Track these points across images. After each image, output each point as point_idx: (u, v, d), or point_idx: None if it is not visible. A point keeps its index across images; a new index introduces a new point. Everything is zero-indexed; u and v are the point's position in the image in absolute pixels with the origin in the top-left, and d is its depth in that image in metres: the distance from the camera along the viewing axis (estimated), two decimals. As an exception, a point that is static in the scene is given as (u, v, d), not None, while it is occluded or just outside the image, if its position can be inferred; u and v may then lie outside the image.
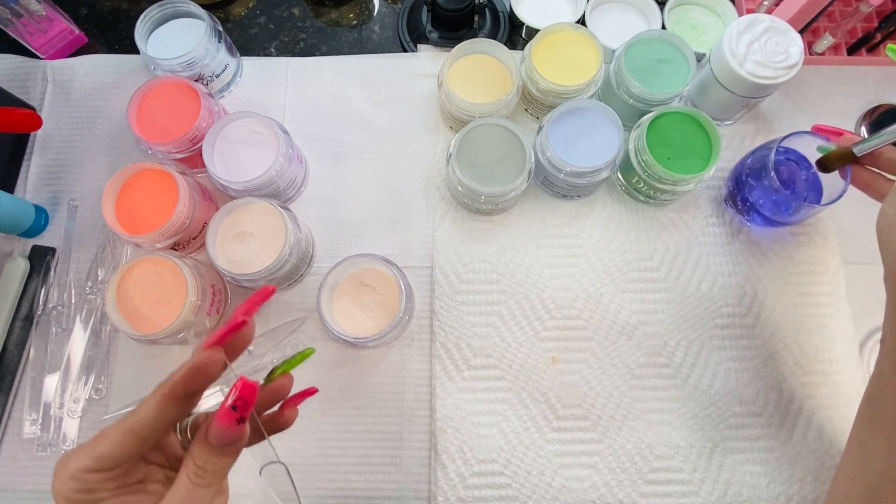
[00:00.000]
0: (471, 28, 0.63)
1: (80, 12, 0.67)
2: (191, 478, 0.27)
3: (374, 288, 0.52)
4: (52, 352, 0.53)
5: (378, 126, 0.61)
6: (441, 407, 0.52)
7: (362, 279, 0.52)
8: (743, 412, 0.53)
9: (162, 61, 0.55)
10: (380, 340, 0.50)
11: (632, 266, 0.56)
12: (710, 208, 0.59)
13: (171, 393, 0.27)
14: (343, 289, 0.52)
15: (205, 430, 0.27)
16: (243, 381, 0.27)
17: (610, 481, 0.51)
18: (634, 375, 0.54)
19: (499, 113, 0.55)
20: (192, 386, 0.27)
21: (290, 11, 0.67)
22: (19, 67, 0.63)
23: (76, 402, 0.52)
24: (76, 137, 0.61)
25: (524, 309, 0.55)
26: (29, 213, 0.56)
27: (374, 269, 0.52)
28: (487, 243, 0.57)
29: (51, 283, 0.56)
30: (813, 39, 0.64)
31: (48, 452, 0.51)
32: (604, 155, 0.52)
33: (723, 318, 0.55)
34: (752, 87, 0.53)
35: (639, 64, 0.55)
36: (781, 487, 0.51)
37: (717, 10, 0.64)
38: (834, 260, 0.57)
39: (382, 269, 0.51)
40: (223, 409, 0.27)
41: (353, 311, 0.51)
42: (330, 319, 0.50)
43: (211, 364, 0.27)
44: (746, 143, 0.61)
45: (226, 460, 0.28)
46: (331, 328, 0.49)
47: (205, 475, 0.27)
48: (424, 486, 0.51)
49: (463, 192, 0.53)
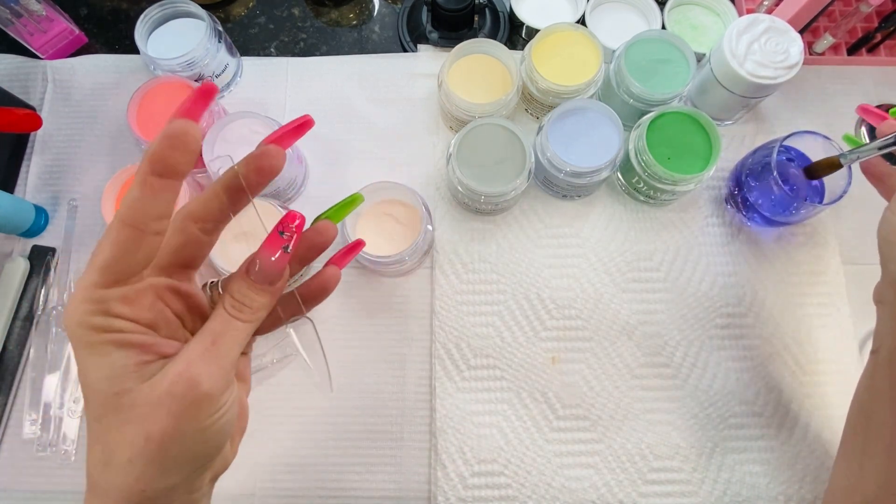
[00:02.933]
0: (471, 28, 0.63)
1: (80, 12, 0.67)
2: (227, 308, 0.26)
3: (397, 218, 0.54)
4: (52, 352, 0.53)
5: (378, 126, 0.61)
6: (441, 407, 0.52)
7: (385, 209, 0.54)
8: (743, 412, 0.53)
9: (162, 61, 0.55)
10: (399, 266, 0.52)
11: (632, 266, 0.56)
12: (710, 208, 0.59)
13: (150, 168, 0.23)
14: (367, 216, 0.54)
15: (245, 266, 0.26)
16: (292, 211, 0.26)
17: (610, 481, 0.51)
18: (634, 375, 0.54)
19: (499, 113, 0.55)
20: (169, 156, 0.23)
21: (290, 11, 0.67)
22: (19, 67, 0.63)
23: (76, 402, 0.52)
24: (76, 137, 0.61)
25: (524, 309, 0.55)
26: (29, 213, 0.56)
27: (398, 199, 0.54)
28: (487, 243, 0.57)
29: (51, 283, 0.56)
30: (813, 39, 0.64)
31: (48, 452, 0.51)
32: (604, 155, 0.52)
33: (723, 318, 0.55)
34: (752, 87, 0.53)
35: (639, 64, 0.55)
36: (781, 487, 0.51)
37: (717, 10, 0.64)
38: (834, 260, 0.57)
39: (406, 199, 0.53)
40: (271, 235, 0.26)
41: (375, 238, 0.54)
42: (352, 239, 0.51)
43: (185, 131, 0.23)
44: (746, 143, 0.60)
45: (263, 298, 0.26)
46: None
47: (242, 308, 0.26)
48: (424, 486, 0.51)
49: (463, 192, 0.53)
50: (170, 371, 0.24)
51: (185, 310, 0.27)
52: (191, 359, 0.24)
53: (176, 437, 0.24)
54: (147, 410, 0.23)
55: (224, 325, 0.25)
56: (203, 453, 0.25)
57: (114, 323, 0.24)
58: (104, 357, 0.24)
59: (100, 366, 0.24)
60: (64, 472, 0.51)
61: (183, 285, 0.27)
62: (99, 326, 0.23)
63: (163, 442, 0.23)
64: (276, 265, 0.26)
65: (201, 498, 0.27)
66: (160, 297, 0.26)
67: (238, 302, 0.26)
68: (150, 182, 0.23)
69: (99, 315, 0.23)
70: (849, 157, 0.47)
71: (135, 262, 0.24)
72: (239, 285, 0.26)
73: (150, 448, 0.23)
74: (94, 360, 0.24)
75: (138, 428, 0.23)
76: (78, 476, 0.51)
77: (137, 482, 0.24)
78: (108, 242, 0.23)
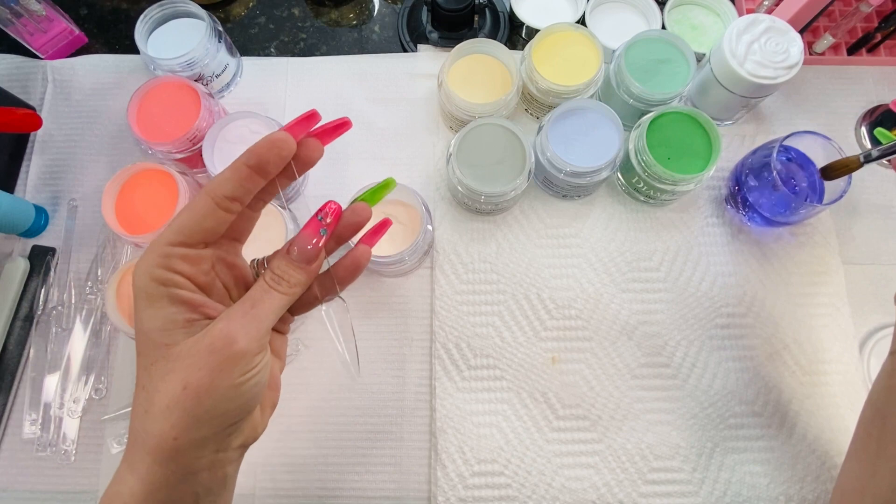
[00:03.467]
0: (471, 28, 0.63)
1: (80, 12, 0.67)
2: (267, 280, 0.29)
3: (397, 218, 0.54)
4: (52, 352, 0.53)
5: (378, 126, 0.61)
6: (441, 407, 0.52)
7: (385, 209, 0.54)
8: (743, 412, 0.53)
9: (162, 61, 0.55)
10: (399, 266, 0.52)
11: (632, 266, 0.56)
12: (710, 208, 0.59)
13: (246, 160, 0.28)
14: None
15: (286, 246, 0.30)
16: (331, 200, 0.30)
17: (610, 481, 0.51)
18: (634, 375, 0.54)
19: (499, 113, 0.55)
20: (266, 156, 0.28)
21: (290, 11, 0.67)
22: (19, 67, 0.63)
23: (76, 402, 0.52)
24: (76, 137, 0.61)
25: (524, 309, 0.55)
26: (29, 213, 0.56)
27: (398, 200, 0.54)
28: (487, 243, 0.57)
29: (51, 283, 0.56)
30: (813, 39, 0.64)
31: (48, 452, 0.51)
32: (604, 155, 0.52)
33: (723, 318, 0.55)
34: (752, 87, 0.53)
35: (639, 64, 0.55)
36: (781, 487, 0.51)
37: (717, 10, 0.64)
38: (834, 260, 0.57)
39: (406, 199, 0.53)
40: (311, 219, 0.30)
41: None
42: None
43: (286, 141, 0.28)
44: (746, 143, 0.61)
45: (300, 275, 0.29)
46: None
47: (280, 282, 0.29)
48: (424, 486, 0.51)
49: (463, 192, 0.53)
50: (212, 329, 0.27)
51: (231, 280, 0.31)
52: (231, 319, 0.27)
53: (210, 390, 0.26)
54: (189, 363, 0.26)
55: (263, 293, 0.29)
56: (234, 411, 0.27)
57: (173, 278, 0.27)
58: (159, 310, 0.27)
59: (155, 317, 0.27)
60: (64, 472, 0.51)
61: (230, 257, 0.31)
62: (161, 279, 0.27)
63: (198, 393, 0.26)
64: (314, 247, 0.30)
65: (229, 462, 0.29)
66: (213, 266, 0.29)
67: (278, 276, 0.29)
68: (243, 171, 0.28)
69: (162, 269, 0.27)
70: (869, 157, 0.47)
71: (204, 230, 0.28)
72: (279, 262, 0.30)
73: (186, 397, 0.26)
74: (151, 311, 0.27)
75: (178, 377, 0.26)
76: (78, 476, 0.51)
77: (172, 429, 0.26)
78: (189, 209, 0.27)
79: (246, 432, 0.29)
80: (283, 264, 0.29)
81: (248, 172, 0.28)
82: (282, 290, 0.29)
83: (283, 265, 0.29)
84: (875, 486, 0.38)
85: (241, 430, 0.29)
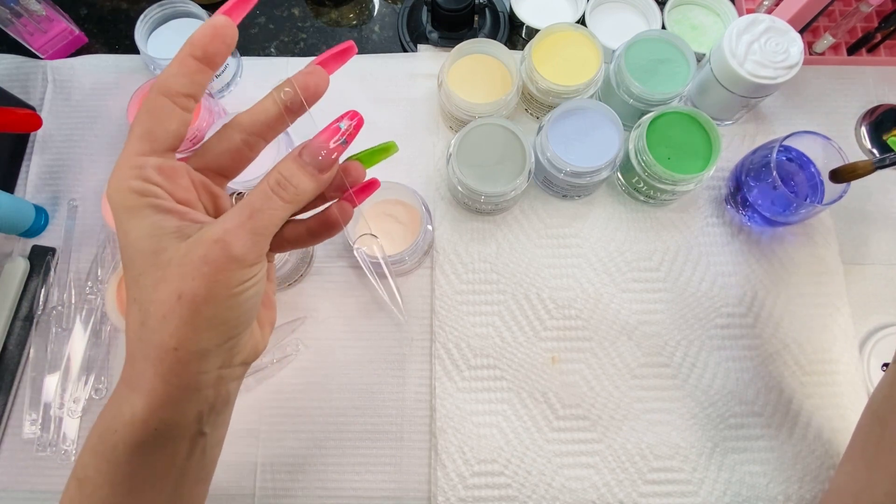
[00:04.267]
0: (471, 28, 0.63)
1: (80, 12, 0.67)
2: (270, 184, 0.26)
3: (397, 218, 0.54)
4: (52, 352, 0.53)
5: (378, 126, 0.61)
6: (441, 407, 0.52)
7: (385, 209, 0.54)
8: (743, 412, 0.53)
9: (162, 61, 0.55)
10: (399, 266, 0.52)
11: (632, 266, 0.56)
12: (710, 208, 0.59)
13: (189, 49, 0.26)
14: (367, 216, 0.54)
15: (299, 148, 0.27)
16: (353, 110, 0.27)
17: (610, 481, 0.51)
18: (634, 375, 0.54)
19: (499, 113, 0.55)
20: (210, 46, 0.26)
21: (290, 11, 0.67)
22: (19, 67, 0.63)
23: (76, 402, 0.52)
24: (76, 137, 0.61)
25: (524, 309, 0.55)
26: (29, 213, 0.56)
27: (398, 200, 0.54)
28: (487, 243, 0.57)
29: (51, 283, 0.56)
30: (813, 39, 0.64)
31: (48, 452, 0.51)
32: (604, 155, 0.52)
33: (723, 318, 0.55)
34: (752, 87, 0.53)
35: (639, 64, 0.55)
36: (781, 487, 0.51)
37: (717, 10, 0.64)
38: (834, 260, 0.57)
39: (406, 199, 0.53)
40: (330, 124, 0.27)
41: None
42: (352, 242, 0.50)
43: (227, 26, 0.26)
44: (746, 143, 0.61)
45: (309, 182, 0.27)
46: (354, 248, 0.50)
47: (287, 186, 0.26)
48: (424, 486, 0.51)
49: (463, 192, 0.53)
50: (206, 234, 0.25)
51: (213, 210, 0.29)
52: (227, 227, 0.25)
53: (208, 299, 0.25)
54: (182, 270, 0.24)
55: (263, 201, 0.26)
56: (233, 321, 0.26)
57: (151, 189, 0.25)
58: (144, 219, 0.25)
59: (140, 226, 0.25)
60: (64, 472, 0.51)
61: (215, 187, 0.29)
62: (138, 190, 0.25)
63: (194, 302, 0.24)
64: (330, 153, 0.27)
65: (233, 379, 0.28)
66: (195, 187, 0.27)
67: (284, 179, 0.26)
68: (188, 62, 0.26)
69: (138, 180, 0.25)
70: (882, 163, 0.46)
71: (168, 132, 0.26)
72: (288, 164, 0.27)
73: (182, 306, 0.24)
74: (135, 221, 0.25)
75: (172, 286, 0.24)
76: (78, 476, 0.51)
77: (171, 338, 0.25)
78: (145, 111, 0.26)
79: (248, 348, 0.28)
80: (293, 167, 0.26)
81: (197, 65, 0.26)
82: (285, 196, 0.26)
83: (291, 167, 0.26)
84: (870, 491, 0.38)
85: (242, 346, 0.28)
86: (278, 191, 0.26)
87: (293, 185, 0.26)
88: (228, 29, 0.26)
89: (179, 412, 0.26)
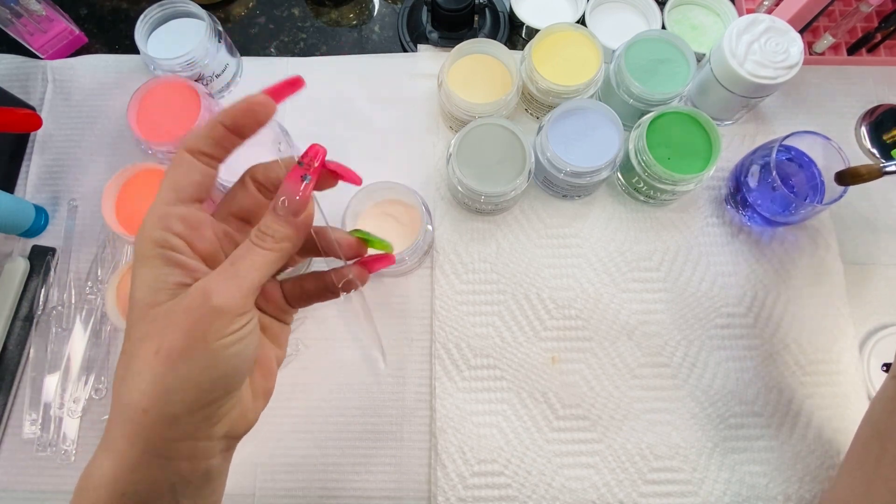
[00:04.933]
0: (471, 28, 0.63)
1: (80, 12, 0.67)
2: (252, 237, 0.27)
3: (397, 218, 0.54)
4: (52, 352, 0.53)
5: (378, 126, 0.61)
6: (441, 407, 0.52)
7: (385, 209, 0.54)
8: (743, 412, 0.53)
9: (162, 61, 0.55)
10: (399, 266, 0.52)
11: (632, 266, 0.56)
12: (710, 208, 0.59)
13: (222, 117, 0.27)
14: (367, 216, 0.54)
15: (272, 203, 0.28)
16: (315, 144, 0.28)
17: (610, 481, 0.51)
18: (634, 375, 0.54)
19: (499, 113, 0.55)
20: (241, 119, 0.27)
21: (290, 11, 0.67)
22: (19, 67, 0.63)
23: (76, 402, 0.52)
24: (76, 137, 0.61)
25: (524, 309, 0.55)
26: (29, 213, 0.56)
27: (398, 200, 0.54)
28: (487, 243, 0.57)
29: (51, 283, 0.56)
30: (813, 39, 0.64)
31: (48, 452, 0.51)
32: (604, 155, 0.52)
33: (723, 318, 0.55)
34: (752, 87, 0.53)
35: (639, 64, 0.55)
36: (781, 487, 0.51)
37: (717, 10, 0.64)
38: (834, 260, 0.57)
39: (406, 199, 0.53)
40: (293, 167, 0.28)
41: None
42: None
43: (265, 105, 0.27)
44: (746, 143, 0.61)
45: (286, 228, 0.27)
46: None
47: (264, 238, 0.27)
48: (424, 486, 0.51)
49: (463, 192, 0.53)
50: (193, 286, 0.25)
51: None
52: (210, 277, 0.25)
53: (184, 353, 0.24)
54: (165, 323, 0.24)
55: (245, 250, 0.27)
56: (210, 383, 0.25)
57: (170, 239, 0.26)
58: (151, 269, 0.25)
59: (146, 276, 0.25)
60: (64, 472, 0.51)
61: (238, 235, 0.30)
62: (157, 239, 0.25)
63: (171, 357, 0.24)
64: (299, 195, 0.27)
65: (212, 455, 0.26)
66: (218, 239, 0.28)
67: (262, 232, 0.27)
68: (217, 129, 0.27)
69: (160, 230, 0.26)
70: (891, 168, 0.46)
71: (191, 183, 0.27)
72: (264, 218, 0.28)
73: (158, 361, 0.24)
74: (143, 270, 0.25)
75: (153, 341, 0.24)
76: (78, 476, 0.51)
77: (142, 398, 0.24)
78: (172, 164, 0.27)
79: (232, 419, 0.27)
80: (268, 219, 0.27)
81: (224, 132, 0.27)
82: (266, 245, 0.27)
83: (267, 220, 0.27)
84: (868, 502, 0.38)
85: (223, 415, 0.26)
86: (258, 241, 0.27)
87: (269, 234, 0.27)
88: (264, 108, 0.27)
89: (149, 480, 0.25)
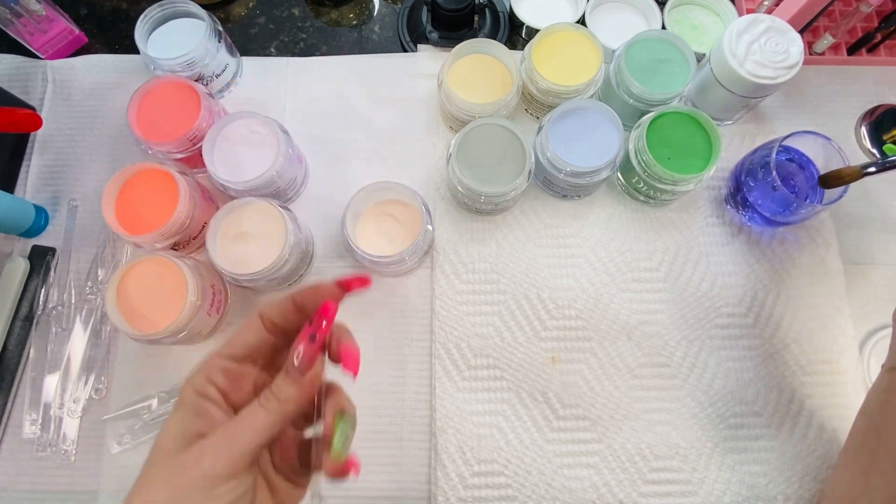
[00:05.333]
0: (471, 28, 0.63)
1: (80, 12, 0.67)
2: (259, 400, 0.28)
3: (397, 218, 0.54)
4: (52, 352, 0.53)
5: (378, 126, 0.61)
6: (441, 407, 0.52)
7: (385, 209, 0.54)
8: (743, 412, 0.53)
9: (162, 61, 0.55)
10: (399, 266, 0.52)
11: (632, 266, 0.56)
12: (710, 208, 0.59)
13: (294, 294, 0.30)
14: (367, 217, 0.54)
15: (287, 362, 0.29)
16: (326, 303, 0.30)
17: (610, 481, 0.51)
18: (634, 375, 0.54)
19: (499, 113, 0.55)
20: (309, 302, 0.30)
21: (290, 11, 0.67)
22: (19, 67, 0.63)
23: (76, 402, 0.52)
24: (76, 137, 0.61)
25: (524, 309, 0.55)
26: (29, 213, 0.56)
27: (398, 200, 0.54)
28: (487, 243, 0.57)
29: (51, 283, 0.56)
30: (813, 39, 0.64)
31: (48, 452, 0.51)
32: (604, 155, 0.52)
33: (723, 318, 0.55)
34: (752, 87, 0.53)
35: (639, 64, 0.55)
36: (780, 487, 0.51)
37: (717, 10, 0.64)
38: (834, 260, 0.57)
39: (406, 199, 0.53)
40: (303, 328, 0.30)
41: (375, 238, 0.53)
42: (353, 242, 0.50)
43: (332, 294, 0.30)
44: (746, 143, 0.61)
45: (291, 388, 0.28)
46: (354, 248, 0.50)
47: (271, 398, 0.28)
48: (424, 486, 0.51)
49: (463, 192, 0.53)
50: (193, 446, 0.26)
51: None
52: (208, 440, 0.26)
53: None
54: (161, 475, 0.26)
55: (249, 412, 0.28)
56: None
57: (208, 390, 0.28)
58: (181, 416, 0.27)
59: (174, 422, 0.27)
60: (64, 472, 0.51)
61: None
62: (198, 388, 0.27)
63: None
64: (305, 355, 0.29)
65: None
66: (256, 390, 0.30)
67: (269, 392, 0.28)
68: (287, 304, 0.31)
69: (203, 379, 0.28)
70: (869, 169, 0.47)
71: (243, 343, 0.29)
72: (277, 379, 0.29)
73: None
74: (176, 416, 0.27)
75: (148, 492, 0.25)
76: (78, 476, 0.51)
77: None
78: (244, 324, 0.30)
79: None
80: (279, 379, 0.29)
81: (293, 308, 0.30)
82: (270, 406, 0.28)
83: (277, 380, 0.29)
84: (867, 496, 0.38)
85: None
86: (264, 402, 0.28)
87: (276, 396, 0.28)
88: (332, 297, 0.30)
89: None
